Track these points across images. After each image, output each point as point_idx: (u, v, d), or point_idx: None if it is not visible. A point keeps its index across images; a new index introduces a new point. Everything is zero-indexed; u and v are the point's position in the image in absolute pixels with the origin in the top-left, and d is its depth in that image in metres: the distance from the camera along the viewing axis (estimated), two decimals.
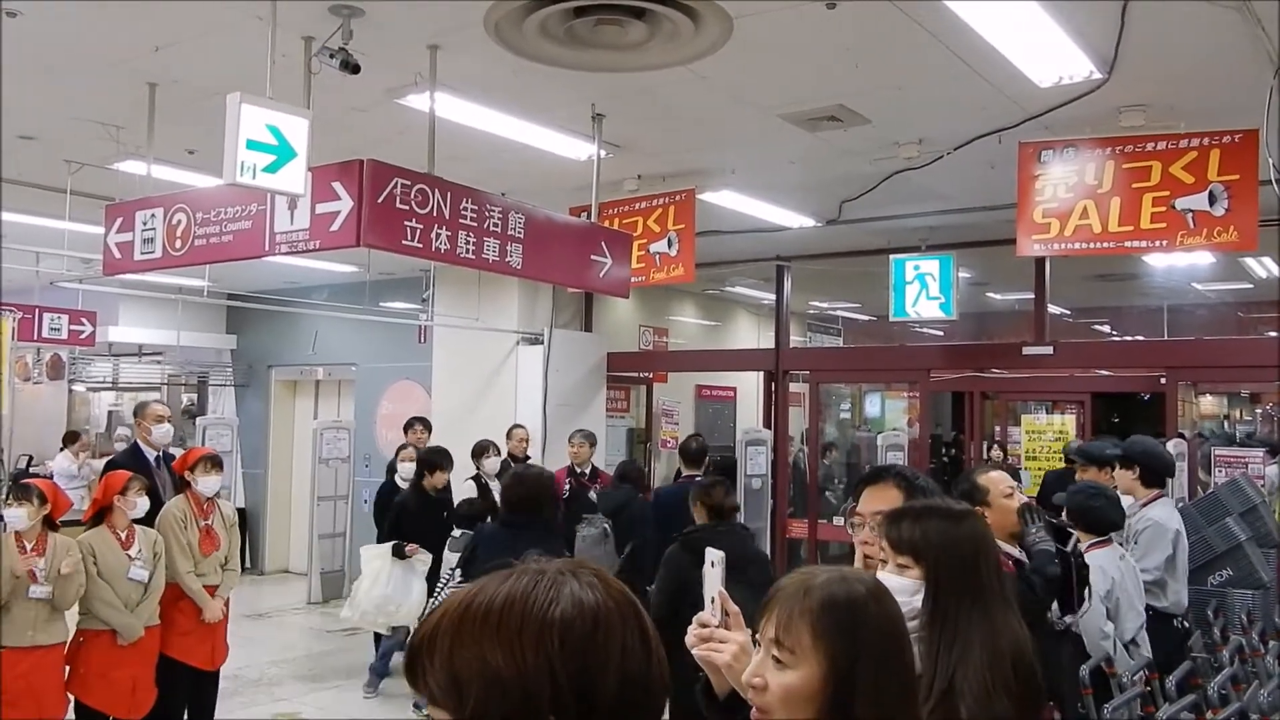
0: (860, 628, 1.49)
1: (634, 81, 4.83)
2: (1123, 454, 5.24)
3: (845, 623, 1.49)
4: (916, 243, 7.93)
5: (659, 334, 11.19)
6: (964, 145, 5.63)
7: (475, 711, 0.93)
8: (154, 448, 6.13)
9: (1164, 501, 5.11)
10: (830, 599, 1.51)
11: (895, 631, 1.53)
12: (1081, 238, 5.24)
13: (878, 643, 1.49)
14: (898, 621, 1.54)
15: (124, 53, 4.65)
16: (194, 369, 13.02)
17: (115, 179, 6.42)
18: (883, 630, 1.51)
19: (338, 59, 4.12)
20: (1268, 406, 13.38)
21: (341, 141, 5.16)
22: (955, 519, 2.10)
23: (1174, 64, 4.55)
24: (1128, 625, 4.33)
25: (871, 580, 1.59)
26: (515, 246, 5.03)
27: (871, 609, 1.51)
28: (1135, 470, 5.10)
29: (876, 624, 1.50)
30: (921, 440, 8.97)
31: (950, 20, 4.03)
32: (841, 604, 1.50)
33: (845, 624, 1.49)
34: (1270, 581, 5.72)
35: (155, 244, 5.14)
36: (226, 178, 3.89)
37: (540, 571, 0.99)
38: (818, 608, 1.50)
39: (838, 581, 1.54)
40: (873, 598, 1.53)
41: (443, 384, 9.67)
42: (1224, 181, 4.90)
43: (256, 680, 7.16)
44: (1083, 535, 4.64)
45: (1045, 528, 3.03)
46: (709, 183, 6.75)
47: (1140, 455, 5.18)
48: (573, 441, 7.66)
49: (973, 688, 1.84)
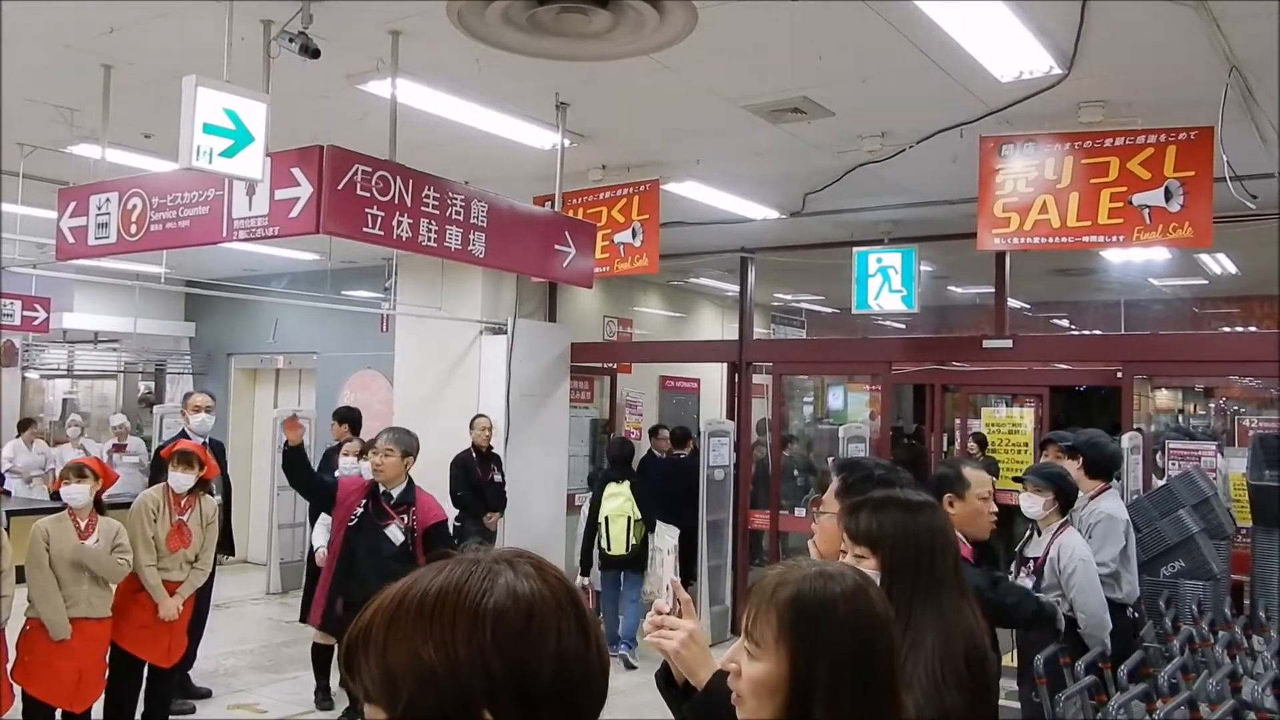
0: (823, 628, 1.48)
1: (598, 71, 4.80)
2: (1069, 445, 5.33)
3: (807, 622, 1.48)
4: (879, 236, 7.98)
5: (623, 325, 11.18)
6: (926, 139, 5.67)
7: (409, 707, 0.91)
8: (197, 435, 6.40)
9: (1111, 494, 5.19)
10: (796, 597, 1.50)
11: (865, 633, 1.50)
12: (1041, 232, 5.29)
13: (841, 644, 1.47)
14: (871, 621, 1.51)
15: (78, 34, 4.56)
16: (151, 357, 12.85)
17: (69, 162, 6.31)
18: (850, 632, 1.48)
19: (297, 43, 4.06)
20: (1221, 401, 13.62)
21: (301, 127, 5.10)
22: (912, 510, 2.10)
23: (1132, 61, 4.60)
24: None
25: (853, 579, 1.55)
26: (478, 235, 5.00)
27: (840, 610, 1.49)
28: (1079, 461, 5.18)
29: (842, 625, 1.48)
30: (883, 433, 9.04)
31: (913, 14, 4.04)
32: (807, 603, 1.49)
33: (807, 624, 1.48)
34: (1221, 573, 5.83)
35: (110, 229, 5.06)
36: (182, 162, 3.84)
37: (475, 561, 0.97)
38: (783, 605, 1.50)
39: (814, 579, 1.53)
40: (845, 598, 1.50)
41: (405, 373, 9.61)
42: (1180, 178, 4.97)
43: (213, 671, 7.08)
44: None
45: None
46: (673, 173, 6.74)
47: (1085, 447, 5.25)
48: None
49: (922, 679, 1.84)
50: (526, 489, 8.66)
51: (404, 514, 5.48)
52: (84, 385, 14.48)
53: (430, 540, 5.41)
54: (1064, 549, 4.47)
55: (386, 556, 5.30)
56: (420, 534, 5.47)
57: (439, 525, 5.60)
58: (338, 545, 5.60)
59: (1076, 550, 4.47)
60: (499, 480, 8.22)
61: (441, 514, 5.67)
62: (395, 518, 5.47)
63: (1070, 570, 4.42)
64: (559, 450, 9.43)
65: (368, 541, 5.42)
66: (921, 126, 5.54)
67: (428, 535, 5.46)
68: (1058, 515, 4.60)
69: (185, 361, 12.46)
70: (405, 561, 5.17)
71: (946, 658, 1.87)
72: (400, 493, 5.52)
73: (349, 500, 5.57)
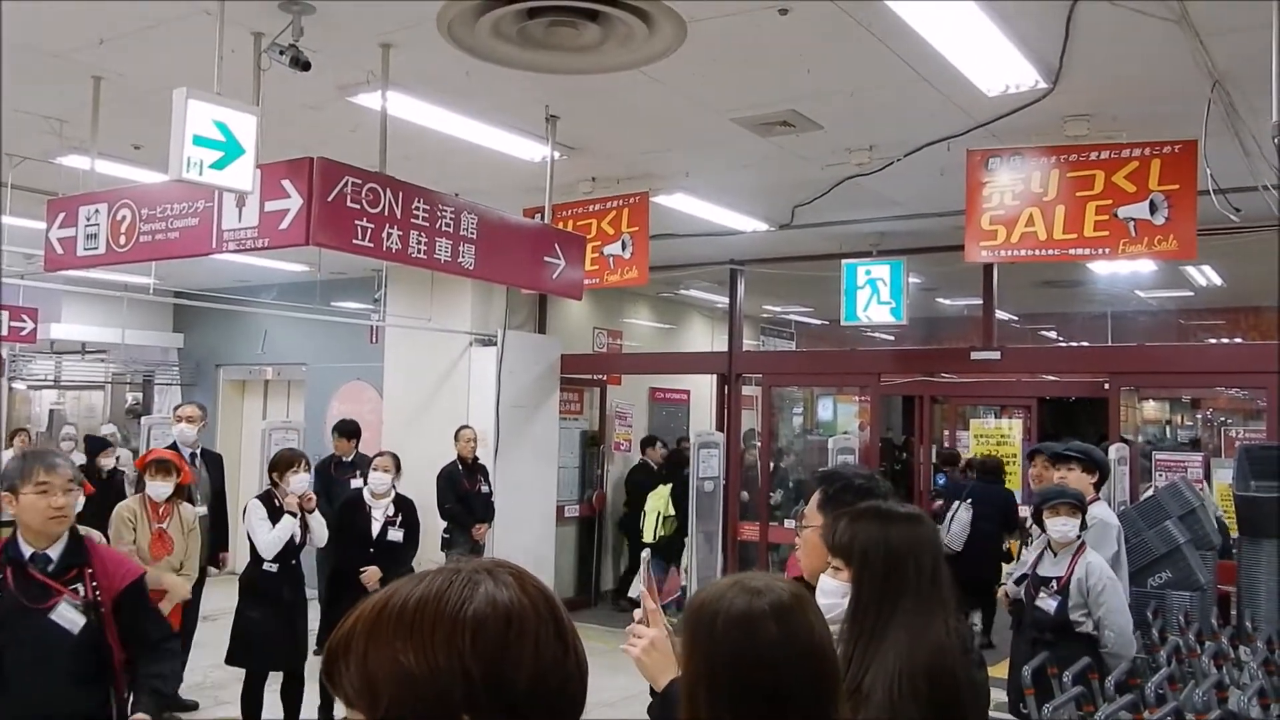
0: (701, 636, 1.49)
1: (588, 83, 4.82)
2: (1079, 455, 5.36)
3: (692, 628, 1.51)
4: (868, 248, 8.02)
5: (613, 336, 11.18)
6: (914, 152, 5.70)
7: (389, 713, 0.93)
8: (185, 446, 6.46)
9: (1101, 502, 5.24)
10: (696, 606, 1.52)
11: (746, 651, 1.45)
12: (1027, 244, 5.33)
13: (716, 655, 1.47)
14: (758, 640, 1.45)
15: (68, 45, 4.56)
16: (139, 368, 12.79)
17: (58, 173, 6.28)
18: (727, 646, 1.46)
19: (288, 55, 4.07)
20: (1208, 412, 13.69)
21: (291, 139, 5.11)
22: (888, 521, 2.06)
23: (1117, 75, 4.64)
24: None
25: (774, 599, 1.49)
26: (468, 247, 5.01)
27: (719, 624, 1.46)
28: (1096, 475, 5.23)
29: (721, 638, 1.46)
30: (872, 444, 9.06)
31: (901, 28, 4.07)
32: (699, 611, 1.51)
33: (692, 629, 1.51)
34: (1207, 584, 5.86)
35: (99, 240, 5.05)
36: (172, 174, 3.84)
37: (456, 571, 0.99)
38: (688, 609, 1.54)
39: (724, 589, 1.52)
40: (734, 613, 1.47)
41: (395, 385, 9.59)
42: (1164, 191, 5.02)
43: (200, 684, 7.04)
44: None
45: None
46: (663, 186, 6.76)
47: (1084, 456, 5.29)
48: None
49: (878, 692, 1.82)
50: (516, 500, 8.66)
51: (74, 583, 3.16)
52: (71, 396, 14.41)
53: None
54: (1092, 568, 4.54)
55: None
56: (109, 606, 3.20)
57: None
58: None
59: (1105, 569, 4.55)
60: (486, 491, 8.21)
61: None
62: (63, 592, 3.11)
63: (1100, 589, 4.49)
64: (549, 462, 9.42)
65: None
66: (909, 139, 5.57)
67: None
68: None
69: (174, 372, 12.41)
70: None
71: (907, 672, 1.84)
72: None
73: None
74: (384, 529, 6.13)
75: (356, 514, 6.18)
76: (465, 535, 7.94)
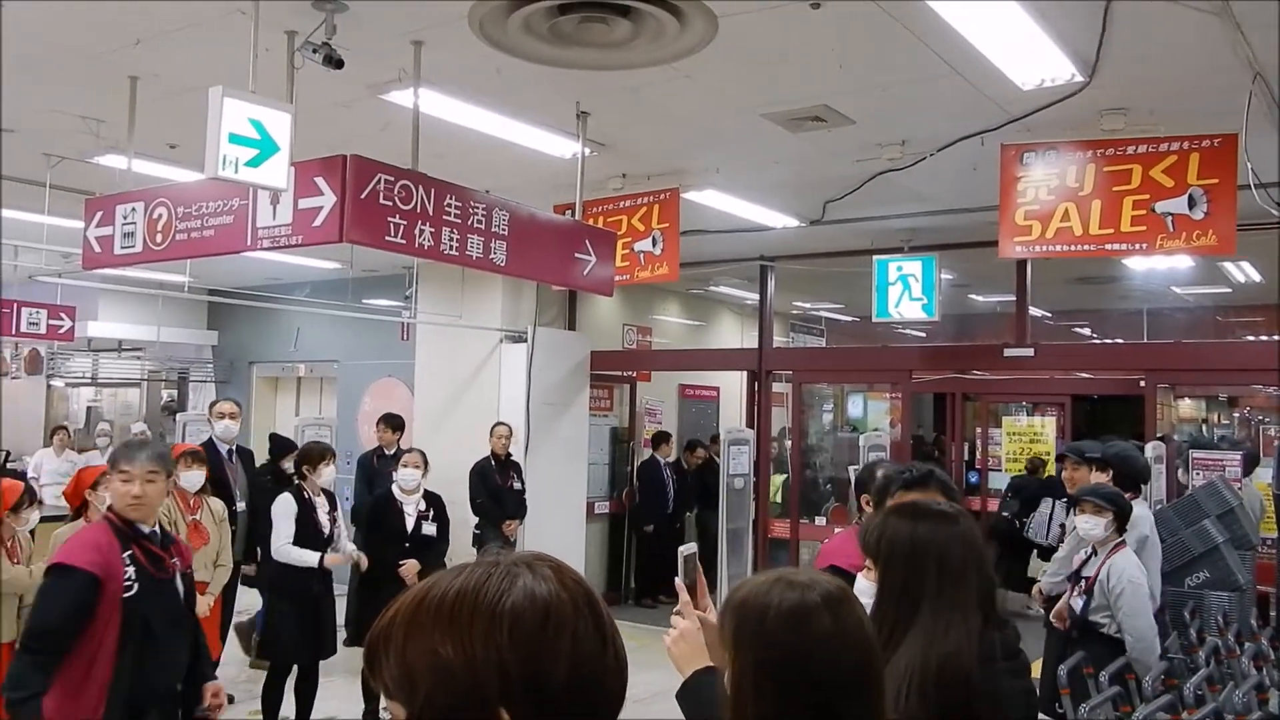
0: (751, 634, 1.47)
1: (618, 80, 4.82)
2: (1099, 457, 5.30)
3: (741, 629, 1.49)
4: (899, 244, 7.96)
5: (643, 333, 11.18)
6: (947, 146, 5.65)
7: (426, 703, 0.93)
8: (222, 442, 6.57)
9: (1138, 503, 5.17)
10: (740, 602, 1.51)
11: (796, 646, 1.44)
12: (1063, 240, 5.27)
13: (768, 653, 1.46)
14: (808, 635, 1.44)
15: (105, 46, 4.61)
16: (174, 365, 12.94)
17: (95, 173, 6.37)
18: (778, 642, 1.45)
19: (321, 54, 4.10)
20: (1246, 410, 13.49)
21: (324, 136, 5.13)
22: (917, 519, 2.01)
23: (1154, 67, 4.58)
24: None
25: (822, 594, 1.48)
26: (499, 244, 5.02)
27: (769, 619, 1.45)
28: (1109, 474, 5.16)
29: (770, 635, 1.45)
30: (903, 441, 9.00)
31: (933, 21, 4.04)
32: (745, 610, 1.50)
33: (741, 630, 1.49)
34: (1246, 584, 5.77)
35: (135, 238, 5.10)
36: (208, 172, 3.87)
37: (495, 564, 1.00)
38: (731, 607, 1.52)
39: (769, 585, 1.50)
40: (784, 609, 1.46)
41: (426, 382, 9.64)
42: (1203, 185, 4.94)
43: (235, 678, 7.10)
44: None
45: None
46: (693, 182, 6.75)
47: (1115, 460, 5.24)
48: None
49: (887, 688, 1.81)
50: (546, 497, 8.67)
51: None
52: (107, 393, 14.60)
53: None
54: (1114, 570, 4.47)
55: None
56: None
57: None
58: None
59: (1126, 572, 4.45)
60: (518, 487, 8.24)
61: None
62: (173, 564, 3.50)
63: (1119, 592, 4.41)
64: (579, 458, 9.44)
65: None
66: (942, 134, 5.53)
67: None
68: (1116, 534, 4.58)
69: (208, 370, 12.54)
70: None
71: (918, 671, 1.81)
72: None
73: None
74: (418, 524, 6.17)
75: (389, 510, 6.21)
76: (496, 531, 7.97)
